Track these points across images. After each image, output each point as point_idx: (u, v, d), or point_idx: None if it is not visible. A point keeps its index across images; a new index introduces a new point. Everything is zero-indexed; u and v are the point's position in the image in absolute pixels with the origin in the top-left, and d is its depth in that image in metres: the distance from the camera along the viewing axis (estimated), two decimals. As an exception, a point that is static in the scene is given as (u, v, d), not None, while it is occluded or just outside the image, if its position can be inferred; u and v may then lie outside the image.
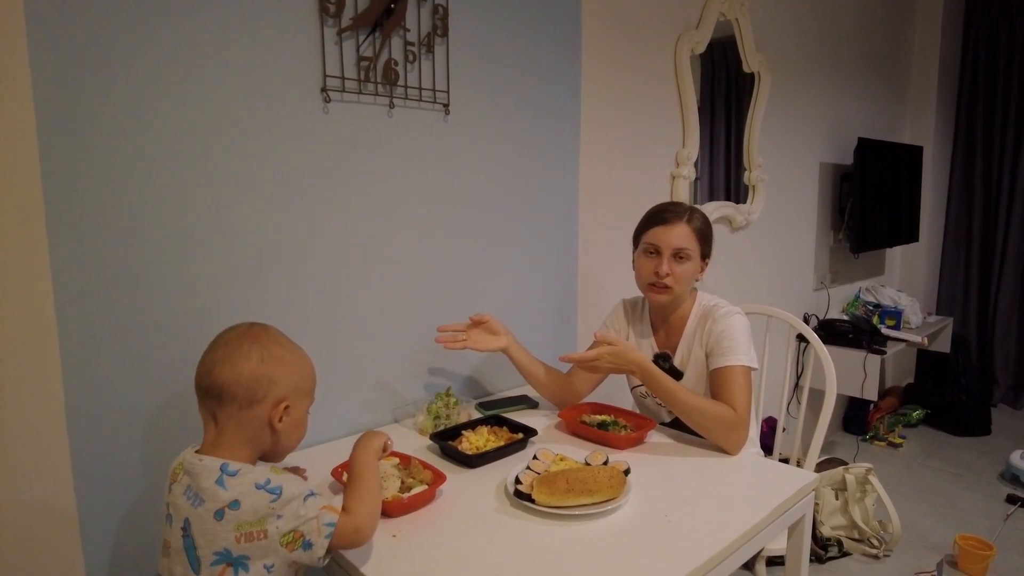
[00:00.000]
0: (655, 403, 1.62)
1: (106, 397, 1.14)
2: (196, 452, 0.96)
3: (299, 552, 0.92)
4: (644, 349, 1.63)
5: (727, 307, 1.53)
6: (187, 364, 1.06)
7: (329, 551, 0.94)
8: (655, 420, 1.54)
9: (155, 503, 1.20)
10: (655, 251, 1.52)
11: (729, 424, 1.36)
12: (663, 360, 1.56)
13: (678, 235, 1.50)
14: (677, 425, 1.57)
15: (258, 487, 0.90)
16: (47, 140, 1.04)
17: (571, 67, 1.89)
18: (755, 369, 1.46)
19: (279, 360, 0.98)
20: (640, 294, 1.63)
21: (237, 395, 0.94)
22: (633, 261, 1.60)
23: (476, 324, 1.57)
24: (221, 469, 0.91)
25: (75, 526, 1.13)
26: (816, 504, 2.37)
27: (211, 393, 0.95)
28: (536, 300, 1.89)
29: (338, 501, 1.01)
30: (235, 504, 0.89)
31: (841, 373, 2.58)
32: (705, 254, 1.55)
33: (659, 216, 1.54)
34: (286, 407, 0.98)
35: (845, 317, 3.38)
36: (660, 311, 1.61)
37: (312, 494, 0.95)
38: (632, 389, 1.69)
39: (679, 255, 1.50)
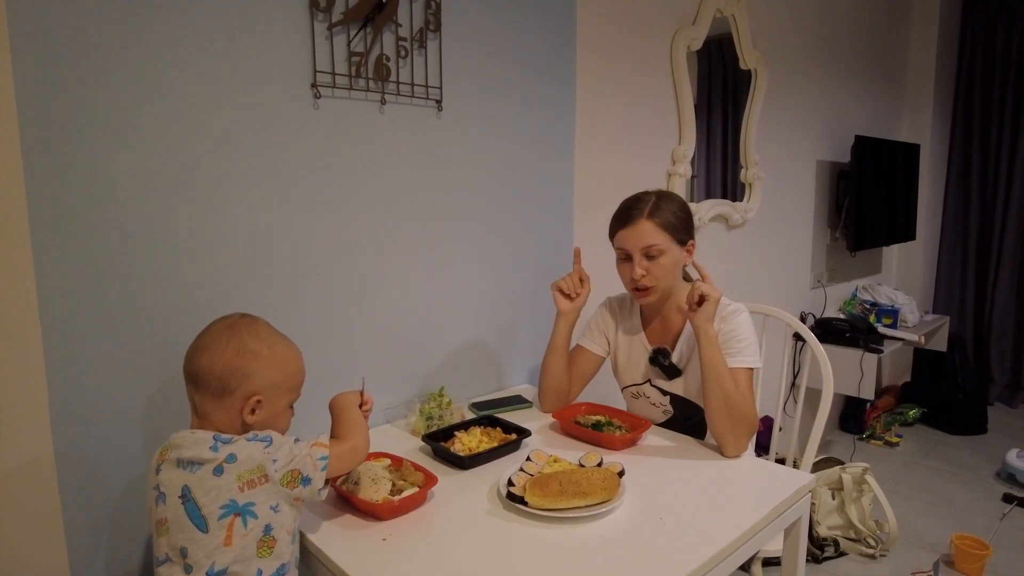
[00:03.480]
0: (649, 404, 1.60)
1: (91, 396, 1.12)
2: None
3: (300, 489, 0.97)
4: (635, 347, 1.59)
5: (732, 304, 1.48)
6: (171, 363, 1.05)
7: (328, 483, 1.01)
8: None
9: (139, 502, 1.19)
10: (626, 255, 1.46)
11: (750, 424, 1.36)
12: (662, 356, 1.52)
13: (641, 234, 1.42)
14: (670, 426, 1.55)
15: (249, 439, 0.96)
16: (29, 136, 1.02)
17: (565, 64, 1.87)
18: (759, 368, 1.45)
19: (255, 355, 1.00)
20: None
21: (209, 384, 0.98)
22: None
23: (582, 274, 1.57)
24: (214, 438, 0.95)
25: (59, 526, 1.11)
26: (812, 504, 2.36)
27: (190, 378, 1.00)
28: (531, 297, 1.88)
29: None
30: (232, 457, 0.93)
31: (838, 372, 2.57)
32: (683, 240, 1.47)
33: (621, 217, 1.48)
34: (257, 401, 1.00)
35: (842, 316, 3.37)
36: (653, 308, 1.57)
37: (298, 438, 1.00)
38: (623, 389, 1.66)
39: (649, 254, 1.43)
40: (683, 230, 1.47)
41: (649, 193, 1.49)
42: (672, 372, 1.52)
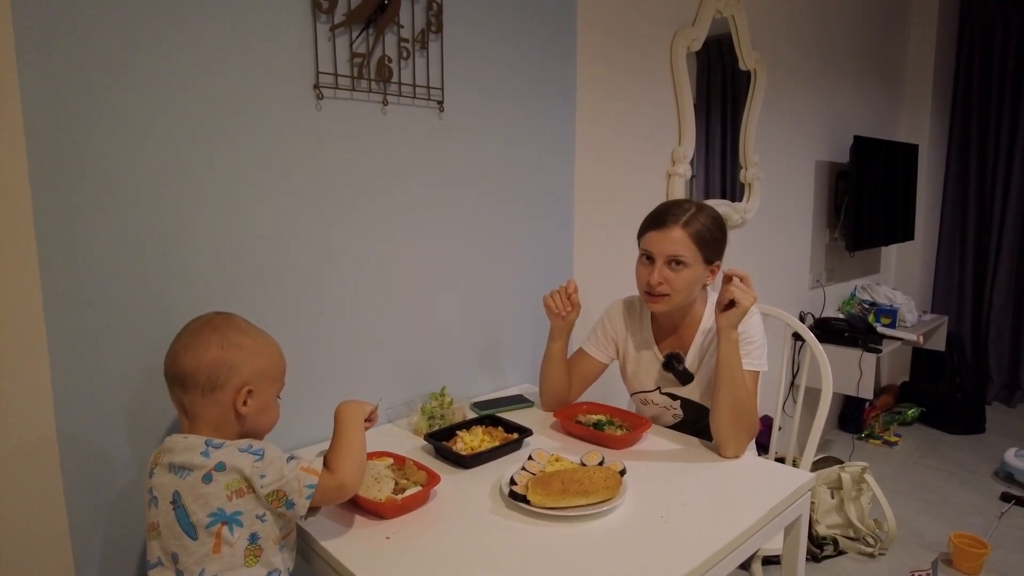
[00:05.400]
0: (660, 408, 1.60)
1: (95, 396, 1.13)
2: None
3: (283, 509, 0.97)
4: (645, 354, 1.57)
5: None
6: (176, 363, 1.05)
7: (314, 509, 1.00)
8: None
9: (143, 501, 1.19)
10: (650, 257, 1.43)
11: (753, 428, 1.36)
12: (676, 361, 1.50)
13: (671, 242, 1.39)
14: (680, 430, 1.55)
15: (241, 450, 0.96)
16: (34, 139, 1.02)
17: (566, 64, 1.88)
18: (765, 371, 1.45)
19: (239, 346, 1.01)
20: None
21: (198, 381, 0.98)
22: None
23: (573, 300, 1.53)
24: (206, 443, 0.96)
25: (64, 525, 1.12)
26: (812, 503, 2.36)
27: (176, 380, 1.00)
28: (530, 299, 1.88)
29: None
30: (221, 466, 0.93)
31: (837, 371, 2.58)
32: (710, 259, 1.43)
33: (656, 219, 1.44)
34: (249, 391, 1.01)
35: (841, 315, 3.38)
36: (667, 317, 1.52)
37: (292, 457, 0.99)
38: (632, 395, 1.65)
39: (673, 262, 1.40)
40: (713, 249, 1.43)
41: (690, 202, 1.46)
42: (685, 377, 1.51)
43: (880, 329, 3.23)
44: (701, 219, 1.41)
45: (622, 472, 1.21)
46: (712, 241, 1.43)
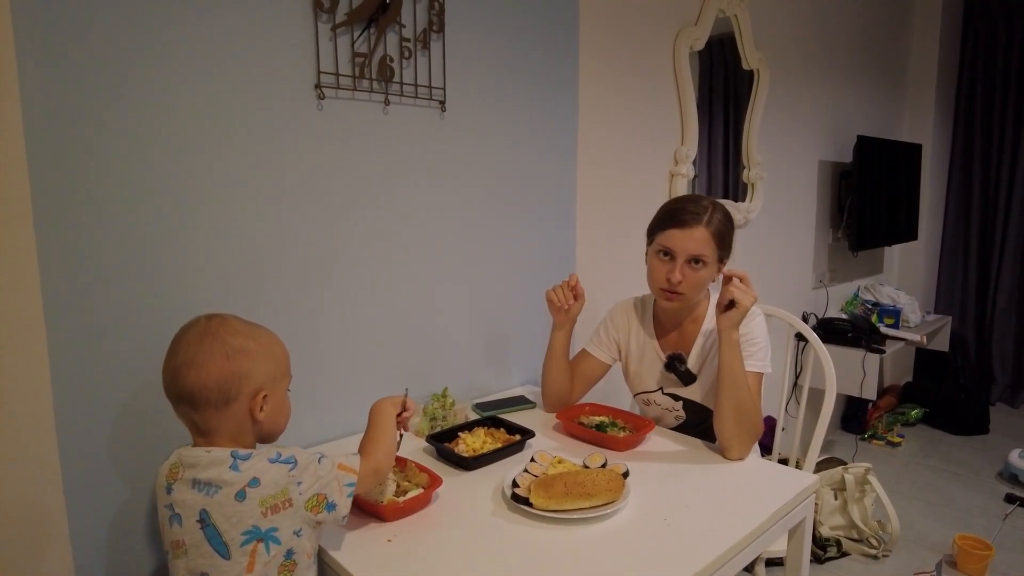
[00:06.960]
0: (662, 410, 1.59)
1: (95, 397, 1.12)
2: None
3: (323, 514, 0.95)
4: (648, 354, 1.57)
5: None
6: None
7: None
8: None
9: (143, 502, 1.19)
10: (669, 254, 1.42)
11: (756, 430, 1.36)
12: (678, 362, 1.50)
13: (696, 241, 1.38)
14: (683, 431, 1.54)
15: (272, 460, 0.92)
16: (34, 139, 1.02)
17: (568, 64, 1.87)
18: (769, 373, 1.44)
19: (244, 353, 0.94)
20: (645, 292, 1.59)
21: (210, 399, 0.92)
22: (646, 258, 1.49)
23: (575, 293, 1.53)
24: (232, 456, 0.91)
25: (64, 526, 1.11)
26: (815, 504, 2.36)
27: (182, 399, 0.93)
28: (532, 299, 1.87)
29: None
30: (255, 482, 0.89)
31: (840, 372, 2.57)
32: (723, 256, 1.44)
33: (676, 216, 1.41)
34: (264, 396, 0.96)
35: (844, 316, 3.37)
36: (672, 314, 1.53)
37: (322, 456, 0.97)
38: (635, 396, 1.65)
39: (694, 261, 1.40)
40: (727, 247, 1.44)
41: (705, 199, 1.44)
42: (688, 378, 1.50)
43: (883, 329, 3.21)
44: (719, 217, 1.42)
45: (625, 474, 1.21)
46: (728, 239, 1.44)
